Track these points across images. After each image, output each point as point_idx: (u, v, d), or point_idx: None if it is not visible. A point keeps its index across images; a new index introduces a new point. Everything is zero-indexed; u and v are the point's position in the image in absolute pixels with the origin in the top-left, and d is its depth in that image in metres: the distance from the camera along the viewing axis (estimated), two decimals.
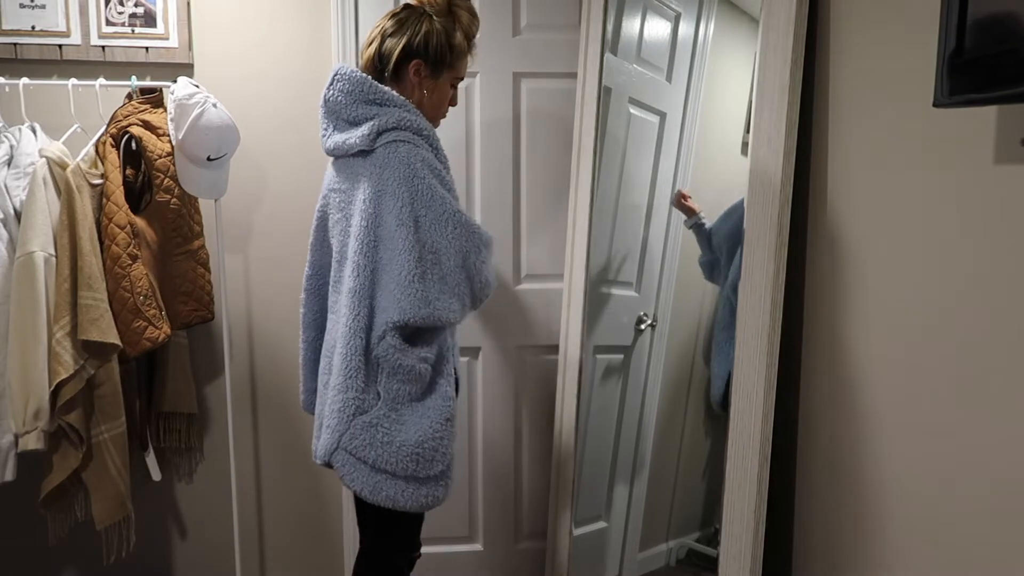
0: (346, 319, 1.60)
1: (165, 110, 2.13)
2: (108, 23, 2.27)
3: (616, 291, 2.45)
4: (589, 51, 2.33)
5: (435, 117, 1.77)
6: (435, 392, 1.63)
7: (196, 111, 2.03)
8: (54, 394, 1.93)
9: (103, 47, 2.27)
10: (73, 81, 2.09)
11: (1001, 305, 1.20)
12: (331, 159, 1.76)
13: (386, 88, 1.66)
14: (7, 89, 2.10)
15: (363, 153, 1.63)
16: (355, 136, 1.63)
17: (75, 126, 2.11)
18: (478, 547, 2.61)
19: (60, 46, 2.25)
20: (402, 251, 1.55)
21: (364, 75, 1.67)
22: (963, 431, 1.28)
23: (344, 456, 1.63)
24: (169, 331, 2.12)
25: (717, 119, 2.49)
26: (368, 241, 1.58)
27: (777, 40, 1.68)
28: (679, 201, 2.23)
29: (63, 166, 1.99)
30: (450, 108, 1.81)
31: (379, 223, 1.58)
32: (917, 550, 1.40)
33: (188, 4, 2.30)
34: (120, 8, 2.27)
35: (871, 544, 1.53)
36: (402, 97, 1.67)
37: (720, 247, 2.10)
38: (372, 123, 1.61)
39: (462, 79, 1.78)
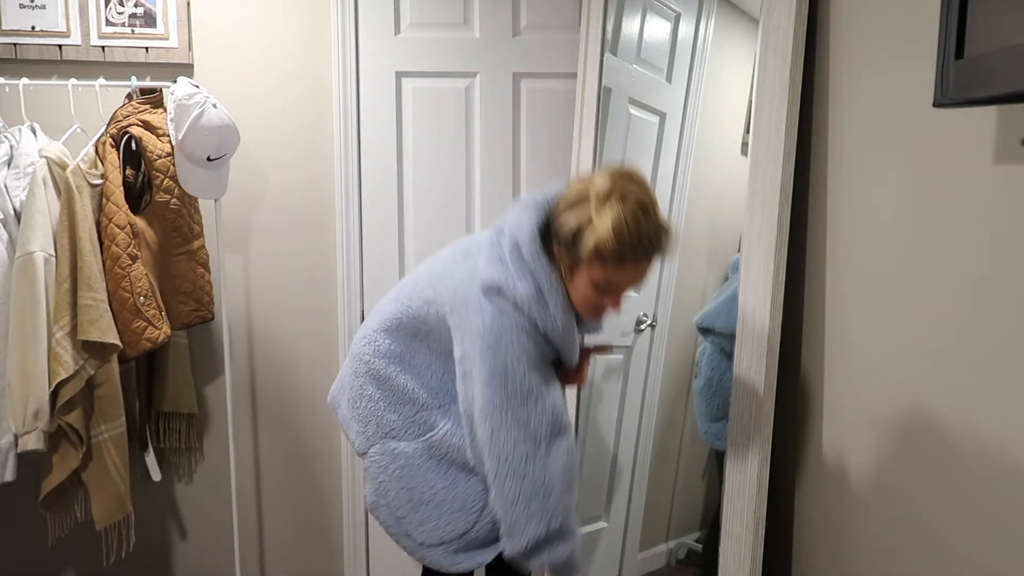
0: None
1: (165, 110, 2.13)
2: (108, 23, 2.26)
3: None
4: (589, 51, 2.33)
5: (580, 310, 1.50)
6: None
7: (196, 111, 2.03)
8: (54, 394, 1.93)
9: (103, 47, 2.27)
10: (73, 81, 2.09)
11: (1001, 305, 1.20)
12: None
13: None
14: (7, 89, 2.10)
15: None
16: None
17: (75, 126, 2.11)
18: None
19: (60, 46, 2.25)
20: None
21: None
22: (963, 432, 1.28)
23: None
24: (169, 331, 2.12)
25: (717, 119, 2.49)
26: None
27: (777, 40, 1.68)
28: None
29: (63, 166, 1.99)
30: None
31: None
32: (917, 550, 1.40)
33: (188, 4, 2.30)
34: (120, 8, 2.27)
35: (871, 544, 1.53)
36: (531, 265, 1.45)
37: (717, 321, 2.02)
38: None
39: (611, 286, 1.41)
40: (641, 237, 1.35)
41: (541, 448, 1.41)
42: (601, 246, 1.34)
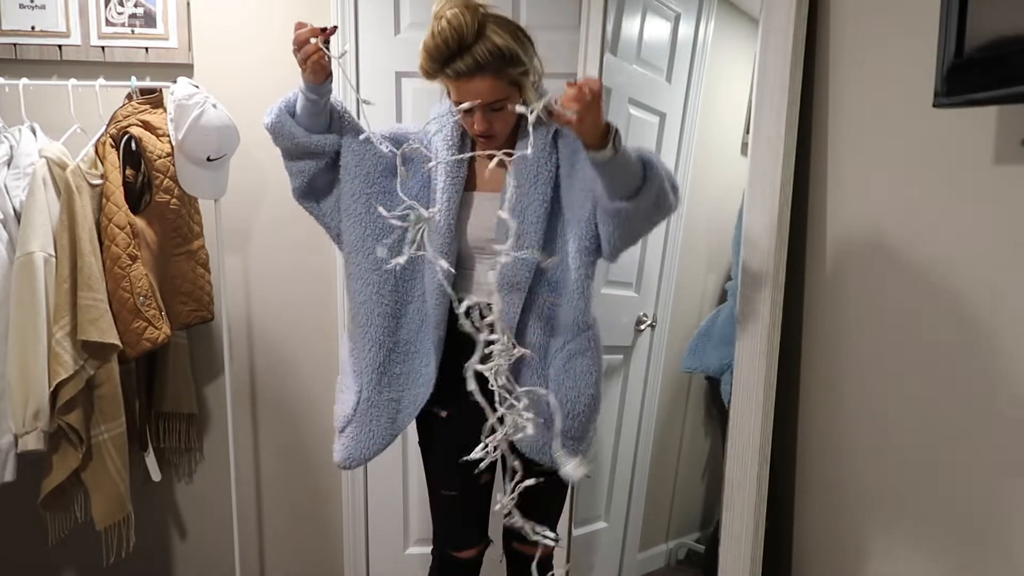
0: None
1: (165, 110, 2.13)
2: (108, 23, 2.26)
3: (616, 291, 2.45)
4: (589, 51, 2.33)
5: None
6: None
7: (196, 111, 2.03)
8: (54, 394, 1.93)
9: (103, 47, 2.26)
10: (73, 81, 2.09)
11: (1002, 305, 1.20)
12: None
13: None
14: (7, 89, 2.09)
15: None
16: None
17: (75, 126, 2.11)
18: None
19: (60, 46, 2.25)
20: None
21: None
22: (963, 432, 1.28)
23: None
24: (169, 331, 2.12)
25: (717, 119, 2.49)
26: None
27: (777, 40, 1.68)
28: None
29: (63, 166, 1.99)
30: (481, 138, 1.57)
31: None
32: (917, 550, 1.40)
33: (188, 4, 2.30)
34: (120, 8, 2.27)
35: (871, 544, 1.53)
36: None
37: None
38: None
39: (458, 104, 1.55)
40: (438, 48, 1.48)
41: None
42: (421, 65, 1.54)
